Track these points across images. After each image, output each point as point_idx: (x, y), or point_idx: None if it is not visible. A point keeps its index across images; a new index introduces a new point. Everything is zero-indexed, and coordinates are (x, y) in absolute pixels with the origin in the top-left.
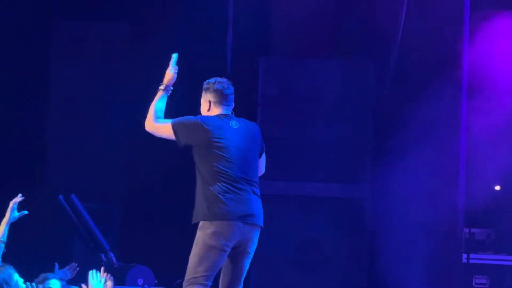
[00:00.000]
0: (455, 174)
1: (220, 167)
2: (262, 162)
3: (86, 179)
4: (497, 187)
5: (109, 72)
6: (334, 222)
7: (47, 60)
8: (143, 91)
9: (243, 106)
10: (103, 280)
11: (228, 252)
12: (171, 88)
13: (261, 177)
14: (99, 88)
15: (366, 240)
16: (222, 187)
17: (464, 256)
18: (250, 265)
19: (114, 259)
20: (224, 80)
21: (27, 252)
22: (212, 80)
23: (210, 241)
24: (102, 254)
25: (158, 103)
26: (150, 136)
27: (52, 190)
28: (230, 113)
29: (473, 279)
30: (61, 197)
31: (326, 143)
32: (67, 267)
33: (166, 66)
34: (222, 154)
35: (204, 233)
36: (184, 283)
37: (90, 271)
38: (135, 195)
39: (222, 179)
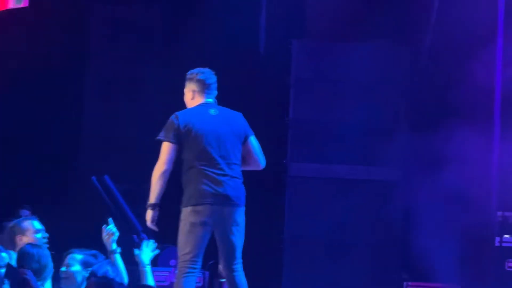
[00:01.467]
0: (488, 156)
1: (195, 153)
2: (253, 151)
3: (120, 160)
4: None
5: (145, 55)
6: (367, 204)
7: (85, 43)
8: (178, 74)
9: (276, 88)
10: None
11: (210, 229)
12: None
13: (293, 159)
14: (135, 71)
15: (398, 222)
16: (198, 172)
17: (497, 239)
18: (283, 246)
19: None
20: (206, 70)
21: (61, 234)
22: (195, 70)
23: (190, 218)
24: (135, 235)
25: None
26: None
27: (86, 171)
28: (213, 101)
29: (506, 263)
30: (94, 178)
31: (359, 126)
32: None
33: (200, 48)
34: (196, 141)
35: (185, 215)
36: (178, 259)
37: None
38: (170, 176)
39: (198, 164)
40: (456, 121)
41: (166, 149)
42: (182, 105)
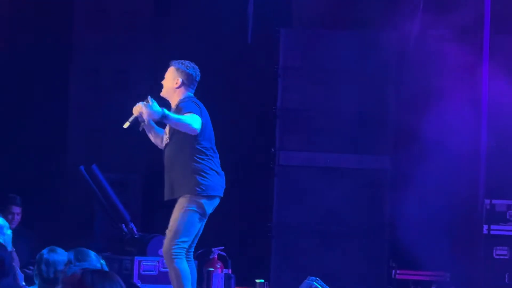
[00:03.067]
0: (476, 144)
1: (207, 144)
2: None
3: (108, 149)
4: None
5: (132, 44)
6: (355, 193)
7: (70, 30)
8: (165, 63)
9: (264, 77)
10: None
11: None
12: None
13: (282, 148)
14: (122, 60)
15: (387, 211)
16: (209, 162)
17: (485, 227)
18: (271, 235)
19: (135, 229)
20: (197, 67)
21: (49, 222)
22: (187, 62)
23: (200, 210)
24: (123, 225)
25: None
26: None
27: (74, 160)
28: None
29: (494, 250)
30: (82, 167)
31: (347, 114)
32: None
33: (187, 38)
34: (210, 132)
35: (196, 203)
36: (172, 244)
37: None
38: (156, 165)
39: (209, 154)
40: (444, 108)
41: (199, 119)
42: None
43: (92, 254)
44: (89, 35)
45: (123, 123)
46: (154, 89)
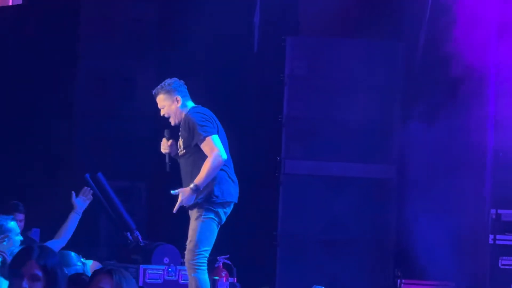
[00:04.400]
0: (483, 154)
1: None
2: None
3: (113, 157)
4: None
5: (138, 52)
6: (361, 202)
7: (76, 37)
8: (171, 72)
9: (270, 86)
10: None
11: None
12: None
13: (287, 157)
14: (128, 66)
15: (392, 220)
16: (225, 171)
17: (491, 236)
18: (277, 243)
19: (140, 237)
20: (174, 78)
21: (54, 232)
22: (167, 81)
23: (217, 218)
24: (128, 233)
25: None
26: None
27: (79, 168)
28: None
29: (500, 260)
30: (87, 175)
31: (353, 123)
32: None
33: (193, 46)
34: (222, 140)
35: (213, 212)
36: (195, 254)
37: None
38: (162, 173)
39: (224, 164)
40: (451, 118)
41: (217, 140)
42: None
43: (72, 253)
44: (95, 43)
45: (129, 130)
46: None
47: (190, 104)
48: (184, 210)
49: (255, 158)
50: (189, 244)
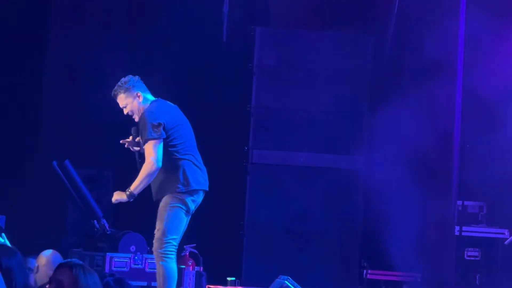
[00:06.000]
0: (449, 147)
1: (180, 142)
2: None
3: (81, 145)
4: None
5: (108, 41)
6: (328, 192)
7: (46, 26)
8: (140, 59)
9: (239, 76)
10: None
11: None
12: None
13: (255, 147)
14: (97, 56)
15: (359, 211)
16: (190, 160)
17: (457, 228)
18: (243, 233)
19: (107, 226)
20: (128, 76)
21: (21, 219)
22: (124, 79)
23: (184, 206)
24: (95, 221)
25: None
26: None
27: (47, 156)
28: None
29: (465, 252)
30: (54, 162)
31: (321, 114)
32: None
33: (162, 35)
34: (178, 130)
35: (180, 200)
36: (162, 243)
37: None
38: (129, 162)
39: (185, 151)
40: (418, 110)
41: (157, 147)
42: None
43: None
44: (65, 31)
45: (97, 118)
46: None
47: (150, 97)
48: (151, 200)
49: (223, 148)
50: (157, 233)
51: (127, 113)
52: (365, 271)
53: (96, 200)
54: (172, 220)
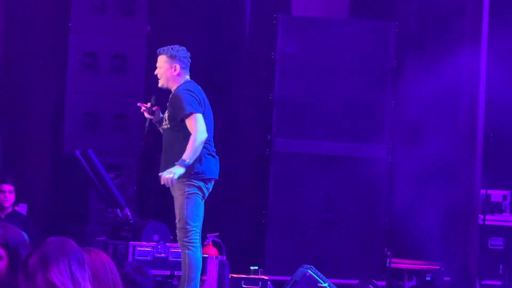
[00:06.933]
0: (474, 135)
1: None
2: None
3: (104, 134)
4: None
5: (129, 28)
6: (351, 181)
7: (67, 16)
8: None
9: (262, 64)
10: None
11: None
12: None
13: (278, 135)
14: (118, 44)
15: (382, 200)
16: (206, 148)
17: (480, 217)
18: (266, 222)
19: (129, 215)
20: (184, 48)
21: (43, 207)
22: (176, 47)
23: (200, 192)
24: (118, 210)
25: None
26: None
27: (69, 145)
28: None
29: (489, 240)
30: (77, 152)
31: (344, 102)
32: None
33: (184, 24)
34: (206, 118)
35: (195, 186)
36: (186, 231)
37: None
38: (152, 150)
39: (206, 141)
40: (441, 98)
41: (201, 119)
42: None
43: None
44: (87, 18)
45: (119, 107)
46: (149, 74)
47: (186, 77)
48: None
49: (245, 137)
50: (179, 223)
51: (156, 73)
52: (388, 260)
53: (119, 189)
54: (191, 207)
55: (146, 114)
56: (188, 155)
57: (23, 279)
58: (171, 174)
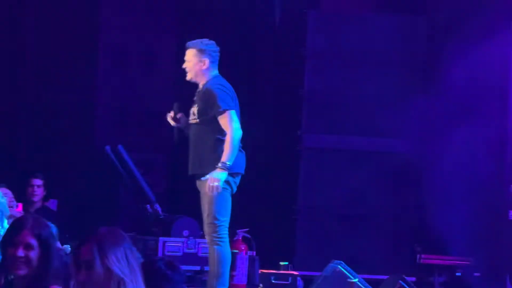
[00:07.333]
0: (503, 129)
1: None
2: None
3: (134, 130)
4: None
5: (158, 25)
6: (381, 176)
7: (98, 12)
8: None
9: (291, 59)
10: None
11: None
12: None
13: (308, 131)
14: (148, 40)
15: (412, 195)
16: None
17: (510, 212)
18: (296, 218)
19: (159, 210)
20: (214, 42)
21: (74, 203)
22: (206, 41)
23: (229, 187)
24: (148, 205)
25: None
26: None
27: (100, 140)
28: None
29: None
30: (107, 147)
31: (374, 97)
32: None
33: (214, 20)
34: (237, 112)
35: (226, 182)
36: (215, 226)
37: None
38: (182, 146)
39: None
40: (470, 93)
41: (235, 116)
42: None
43: None
44: (117, 15)
45: (149, 102)
46: (179, 69)
47: (215, 72)
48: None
49: (275, 132)
50: (208, 218)
51: (185, 67)
52: (418, 255)
53: (149, 185)
54: (220, 202)
55: (172, 123)
56: (228, 156)
57: (76, 270)
58: (216, 182)
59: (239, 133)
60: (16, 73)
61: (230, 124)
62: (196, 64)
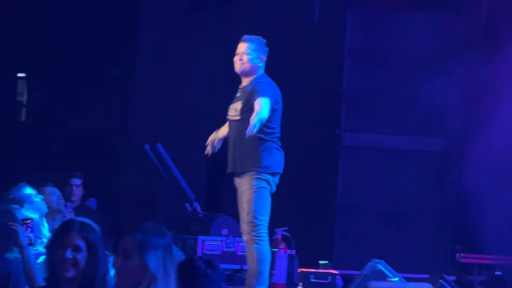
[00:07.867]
0: None
1: (274, 125)
2: None
3: (173, 129)
4: None
5: (197, 23)
6: (421, 175)
7: (136, 10)
8: (231, 42)
9: (330, 58)
10: None
11: None
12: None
13: (346, 129)
14: (187, 39)
15: (452, 194)
16: (275, 143)
17: None
18: (335, 216)
19: (199, 208)
20: None
21: (113, 202)
22: (261, 38)
23: (268, 186)
24: (187, 204)
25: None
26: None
27: (139, 139)
28: None
29: None
30: (147, 146)
31: (414, 96)
32: None
33: (253, 17)
34: (278, 114)
35: (264, 180)
36: (255, 225)
37: None
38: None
39: (274, 134)
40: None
41: (268, 104)
42: (234, 74)
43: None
44: (155, 14)
45: (188, 101)
46: (219, 67)
47: (262, 70)
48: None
49: (314, 131)
50: (247, 216)
51: (239, 58)
52: (458, 254)
53: (188, 183)
54: (259, 201)
55: (208, 151)
56: (256, 114)
57: (115, 256)
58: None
59: (265, 114)
60: (55, 72)
61: (260, 104)
62: (255, 58)
